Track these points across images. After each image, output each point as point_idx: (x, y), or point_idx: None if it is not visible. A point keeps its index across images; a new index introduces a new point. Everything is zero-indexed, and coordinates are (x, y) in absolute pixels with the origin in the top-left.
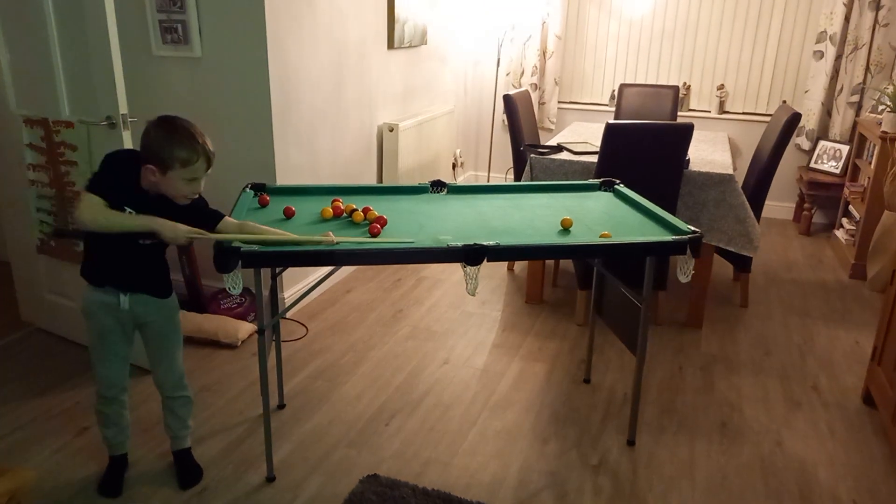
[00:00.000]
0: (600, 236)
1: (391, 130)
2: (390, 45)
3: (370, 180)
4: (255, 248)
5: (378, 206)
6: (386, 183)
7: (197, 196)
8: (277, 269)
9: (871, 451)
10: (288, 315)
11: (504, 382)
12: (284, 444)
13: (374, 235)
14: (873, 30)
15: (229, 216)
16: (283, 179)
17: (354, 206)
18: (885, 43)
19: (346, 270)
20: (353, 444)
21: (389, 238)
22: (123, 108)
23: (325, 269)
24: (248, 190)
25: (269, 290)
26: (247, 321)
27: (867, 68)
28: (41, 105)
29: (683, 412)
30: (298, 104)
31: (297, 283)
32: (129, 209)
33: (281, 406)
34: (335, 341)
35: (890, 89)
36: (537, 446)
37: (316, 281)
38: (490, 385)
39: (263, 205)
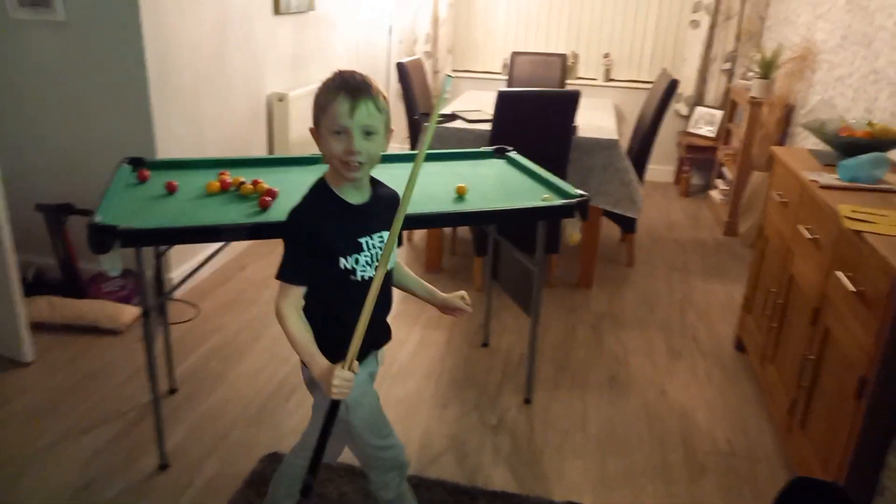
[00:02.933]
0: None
1: (281, 100)
2: (276, 11)
3: (260, 152)
4: (134, 225)
5: (268, 179)
6: (277, 154)
7: (356, 158)
8: (161, 248)
9: (743, 393)
10: (177, 295)
11: (405, 351)
12: (178, 427)
13: (265, 208)
14: (743, 0)
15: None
16: (164, 153)
17: (243, 179)
18: (754, 13)
19: (238, 247)
20: (251, 423)
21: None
22: None
23: (215, 246)
24: (125, 165)
25: (154, 270)
26: (131, 304)
27: (738, 37)
28: None
29: (576, 369)
30: (179, 72)
31: (185, 261)
32: (359, 241)
33: (173, 391)
34: (229, 320)
35: (758, 57)
36: (438, 411)
37: (205, 258)
38: (391, 354)
39: (143, 180)
